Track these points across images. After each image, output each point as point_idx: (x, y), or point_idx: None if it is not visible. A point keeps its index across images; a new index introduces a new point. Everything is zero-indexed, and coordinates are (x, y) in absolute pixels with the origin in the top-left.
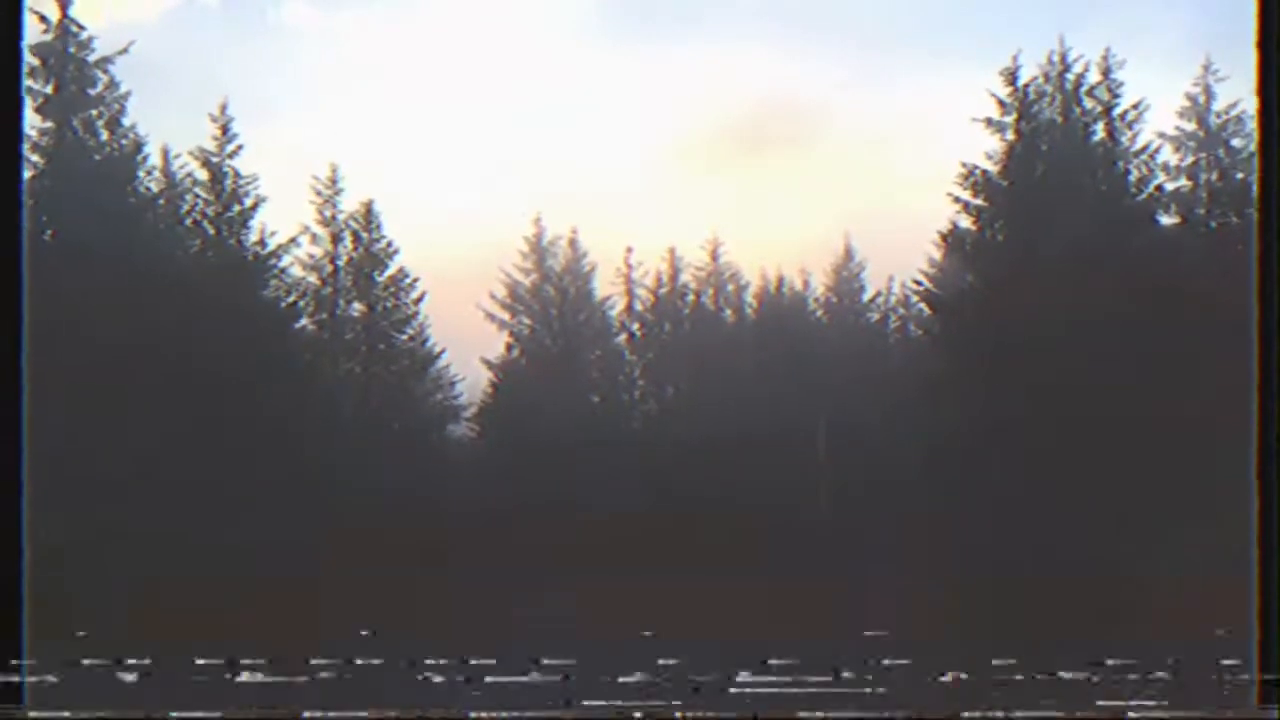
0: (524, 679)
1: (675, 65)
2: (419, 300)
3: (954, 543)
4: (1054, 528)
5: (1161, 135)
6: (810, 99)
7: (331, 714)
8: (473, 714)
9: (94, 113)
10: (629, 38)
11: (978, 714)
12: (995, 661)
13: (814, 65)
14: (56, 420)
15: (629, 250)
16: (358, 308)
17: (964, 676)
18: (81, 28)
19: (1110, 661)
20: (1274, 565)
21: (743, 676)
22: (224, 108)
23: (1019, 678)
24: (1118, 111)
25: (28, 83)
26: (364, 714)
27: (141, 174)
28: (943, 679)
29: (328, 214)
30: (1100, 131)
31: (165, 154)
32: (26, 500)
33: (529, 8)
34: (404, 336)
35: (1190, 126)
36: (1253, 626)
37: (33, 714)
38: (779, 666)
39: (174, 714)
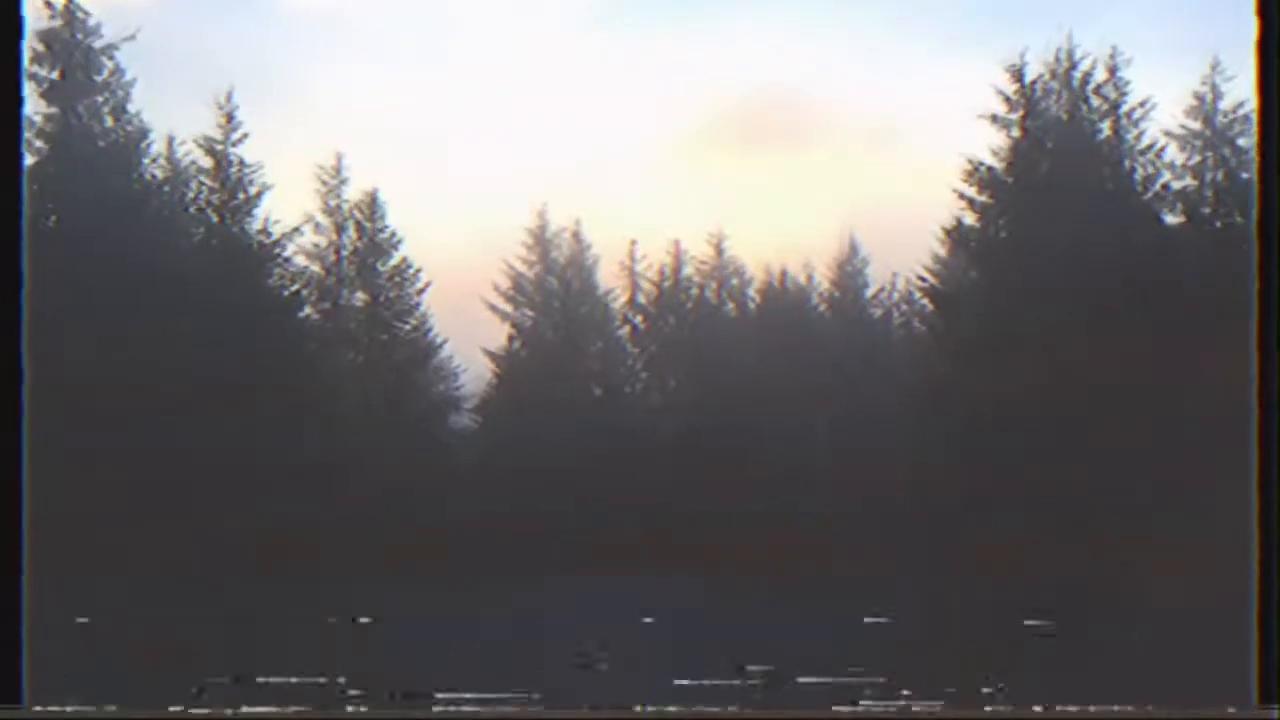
0: None
1: (682, 58)
2: (422, 290)
3: (951, 541)
4: (1050, 524)
5: (1167, 134)
6: (816, 93)
7: (330, 713)
8: (470, 713)
9: (99, 99)
10: (636, 29)
11: (976, 713)
12: None
13: (820, 60)
14: (60, 406)
15: (632, 243)
16: (360, 297)
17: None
18: (87, 14)
19: None
20: (1274, 564)
21: None
22: (229, 96)
23: None
24: (1124, 109)
25: (33, 69)
26: (363, 713)
27: (146, 161)
28: None
29: (331, 203)
30: (1106, 129)
31: (170, 141)
32: (27, 488)
33: None
34: (406, 326)
35: (1196, 125)
36: (1252, 626)
37: (33, 713)
38: None
39: (175, 712)
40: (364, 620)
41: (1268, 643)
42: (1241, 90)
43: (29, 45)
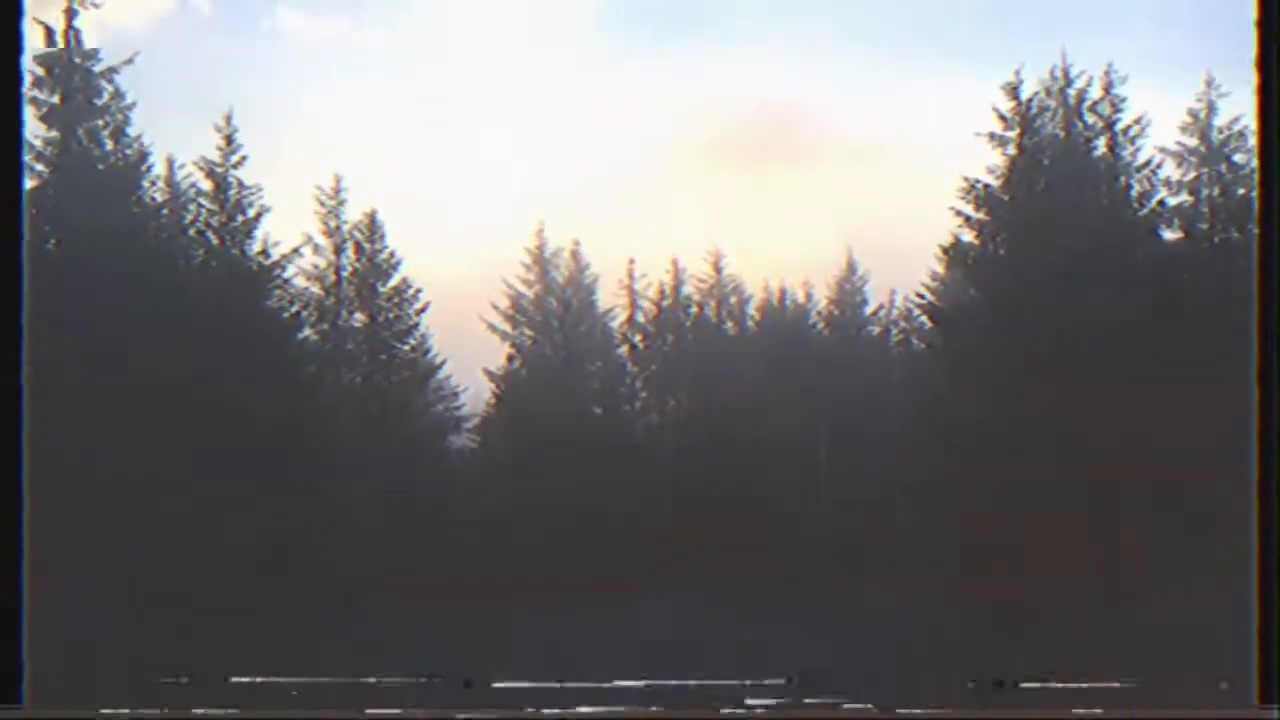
0: None
1: (680, 78)
2: (421, 311)
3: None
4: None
5: (1163, 150)
6: (814, 111)
7: (333, 714)
8: (471, 714)
9: (99, 123)
10: (633, 51)
11: (976, 713)
12: None
13: (820, 77)
14: (62, 428)
15: (632, 262)
16: (360, 318)
17: None
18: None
19: None
20: (1273, 565)
21: None
22: (229, 118)
23: None
24: (1119, 126)
25: (33, 93)
26: (362, 713)
27: (146, 184)
28: None
29: (331, 224)
30: (1102, 146)
31: (170, 164)
32: (26, 497)
33: (533, 17)
34: (406, 347)
35: (1192, 142)
36: (1253, 626)
37: (33, 713)
38: None
39: (175, 712)
40: None
41: (1268, 643)
42: (1236, 106)
43: (29, 70)
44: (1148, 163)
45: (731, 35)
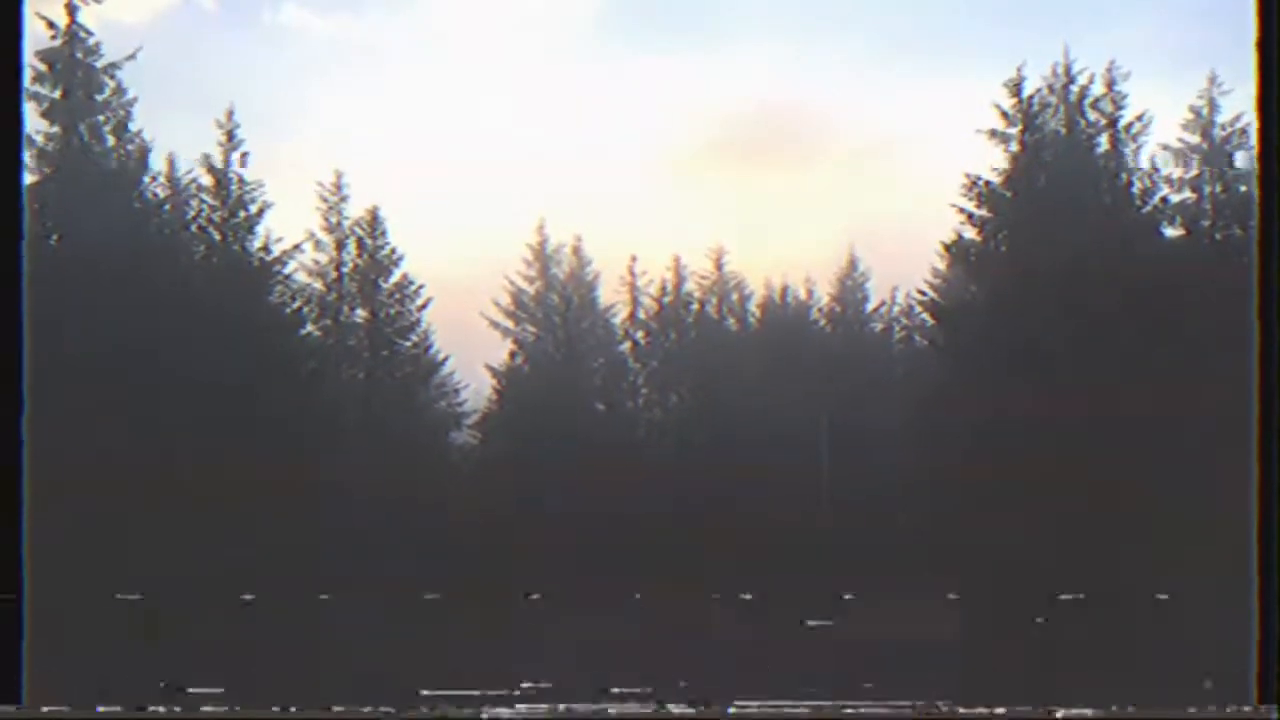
0: None
1: (681, 75)
2: (423, 307)
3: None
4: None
5: (1165, 148)
6: (816, 109)
7: (329, 713)
8: (472, 714)
9: (100, 118)
10: (636, 47)
11: (978, 713)
12: None
13: (820, 76)
14: (62, 423)
15: (633, 258)
16: (362, 314)
17: None
18: (89, 34)
19: None
20: (1273, 564)
21: None
22: (230, 114)
23: None
24: (1122, 124)
25: (35, 88)
26: (363, 712)
27: (147, 179)
28: None
29: (332, 220)
30: (1104, 144)
31: (171, 160)
32: (27, 493)
33: (534, 16)
34: (408, 343)
35: (1194, 139)
36: (1252, 626)
37: (33, 713)
38: None
39: (173, 713)
40: None
41: (1268, 643)
42: (1238, 104)
43: (30, 65)
44: (1150, 160)
45: (732, 35)
